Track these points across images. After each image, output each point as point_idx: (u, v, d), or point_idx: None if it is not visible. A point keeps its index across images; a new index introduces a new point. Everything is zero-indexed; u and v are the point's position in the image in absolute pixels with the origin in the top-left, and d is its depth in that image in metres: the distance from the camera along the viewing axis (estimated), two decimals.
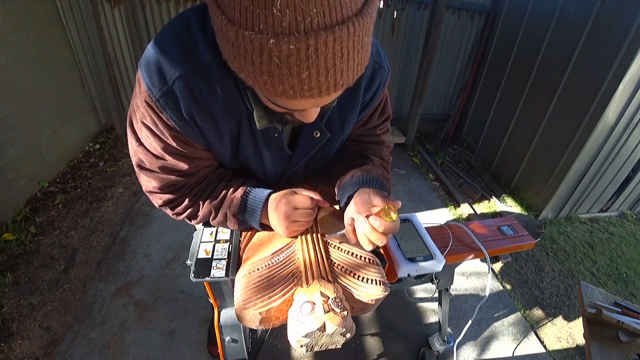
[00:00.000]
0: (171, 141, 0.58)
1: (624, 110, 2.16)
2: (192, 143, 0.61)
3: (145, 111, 0.55)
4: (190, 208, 0.70)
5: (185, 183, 0.67)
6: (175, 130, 0.57)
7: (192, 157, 0.63)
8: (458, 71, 3.62)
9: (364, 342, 1.55)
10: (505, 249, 1.02)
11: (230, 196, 0.69)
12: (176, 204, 0.69)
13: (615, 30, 2.08)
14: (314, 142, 0.69)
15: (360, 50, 0.37)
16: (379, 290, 0.62)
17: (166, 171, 0.63)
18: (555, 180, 2.51)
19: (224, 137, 0.62)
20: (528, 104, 2.82)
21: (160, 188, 0.65)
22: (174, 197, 0.68)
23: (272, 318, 0.59)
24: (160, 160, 0.61)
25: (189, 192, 0.69)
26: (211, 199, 0.70)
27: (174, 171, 0.64)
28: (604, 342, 1.02)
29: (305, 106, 0.45)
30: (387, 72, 0.69)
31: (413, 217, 0.96)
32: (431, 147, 3.61)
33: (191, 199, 0.69)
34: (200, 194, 0.70)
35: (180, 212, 0.71)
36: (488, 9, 3.22)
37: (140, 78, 0.53)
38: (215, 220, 0.71)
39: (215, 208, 0.70)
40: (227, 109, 0.57)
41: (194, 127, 0.58)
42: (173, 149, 0.60)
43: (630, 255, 2.45)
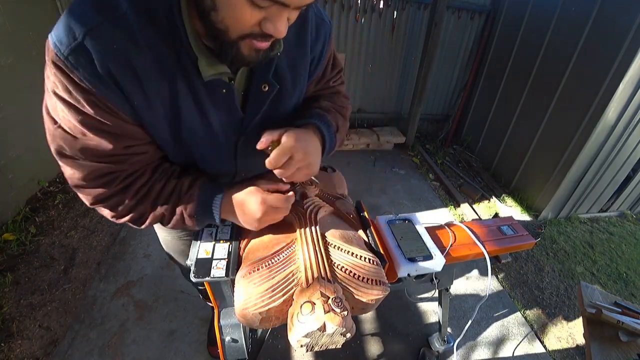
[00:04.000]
0: (88, 109, 0.49)
1: (624, 110, 2.16)
2: (115, 111, 0.51)
3: (55, 77, 0.47)
4: (133, 210, 0.60)
5: (116, 172, 0.57)
6: (90, 93, 0.48)
7: (118, 134, 0.53)
8: (458, 71, 3.62)
9: (364, 342, 1.55)
10: (505, 248, 1.02)
11: (184, 194, 0.62)
12: (113, 203, 0.59)
13: (615, 30, 2.08)
14: (264, 97, 0.62)
15: None
16: (379, 290, 0.62)
17: (89, 155, 0.53)
18: (555, 180, 2.51)
19: (153, 100, 0.52)
20: (528, 104, 2.82)
21: (85, 179, 0.55)
22: (106, 191, 0.57)
23: (272, 318, 0.59)
24: (80, 141, 0.51)
25: (128, 188, 0.59)
26: (161, 199, 0.61)
27: (99, 154, 0.53)
28: (604, 342, 1.02)
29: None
30: (329, 25, 0.70)
31: (413, 217, 0.96)
32: (431, 147, 3.61)
33: (133, 198, 0.59)
34: (145, 194, 0.60)
35: (121, 214, 0.61)
36: (488, 9, 3.22)
37: (49, 42, 0.46)
38: (171, 223, 0.63)
39: (169, 209, 0.62)
40: (153, 65, 0.50)
41: (113, 88, 0.49)
42: (93, 121, 0.50)
43: (630, 255, 2.45)
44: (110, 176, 0.56)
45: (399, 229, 0.91)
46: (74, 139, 0.52)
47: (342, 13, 2.96)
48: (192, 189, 0.63)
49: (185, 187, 0.62)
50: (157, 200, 0.61)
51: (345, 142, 3.24)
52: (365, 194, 2.69)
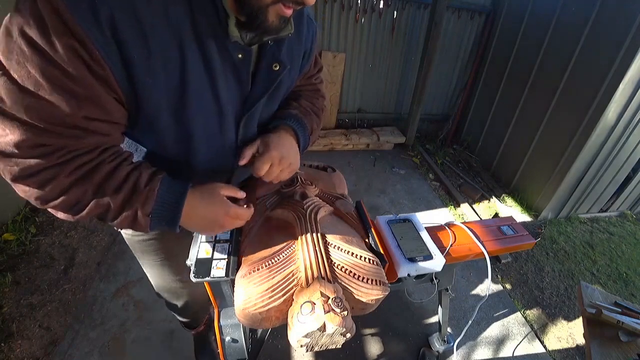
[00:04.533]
0: (62, 55, 0.40)
1: (624, 110, 2.16)
2: (100, 65, 0.42)
3: (31, 10, 0.38)
4: (68, 192, 0.47)
5: (61, 146, 0.45)
6: (77, 36, 0.39)
7: (84, 97, 0.44)
8: (458, 71, 3.62)
9: (364, 342, 1.55)
10: (505, 248, 1.02)
11: (143, 187, 0.51)
12: (43, 179, 0.45)
13: (615, 30, 2.08)
14: (274, 76, 0.61)
15: None
16: (379, 290, 0.62)
17: (35, 116, 0.42)
18: (555, 180, 2.51)
19: (155, 60, 0.46)
20: (528, 104, 2.82)
21: (19, 145, 0.42)
22: (39, 163, 0.44)
23: (272, 318, 0.59)
24: (30, 96, 0.41)
25: (67, 163, 0.46)
26: (110, 185, 0.49)
27: (48, 119, 0.42)
28: (604, 342, 1.02)
29: None
30: (316, 25, 0.73)
31: (413, 217, 0.96)
32: (431, 147, 3.61)
33: (71, 175, 0.46)
34: (88, 173, 0.48)
35: (50, 196, 0.47)
36: (488, 9, 3.22)
37: None
38: (117, 219, 0.51)
39: (118, 201, 0.49)
40: (162, 21, 0.44)
41: (110, 37, 0.41)
42: (59, 74, 0.41)
43: (630, 255, 2.45)
44: (52, 147, 0.44)
45: (399, 229, 0.91)
46: (22, 92, 0.41)
47: (342, 13, 2.96)
48: (152, 182, 0.52)
49: (144, 179, 0.51)
50: (104, 186, 0.49)
51: (345, 142, 3.24)
52: (365, 194, 2.69)
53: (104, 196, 0.49)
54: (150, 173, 0.54)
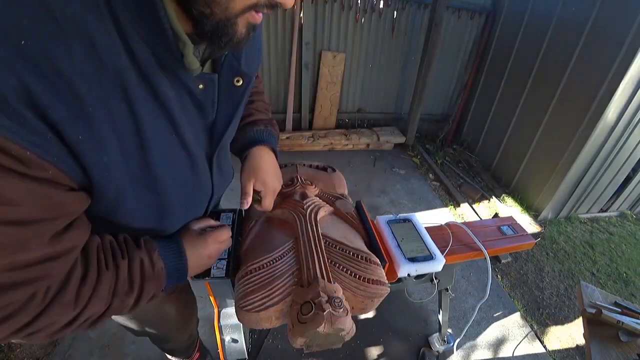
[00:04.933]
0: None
1: (624, 110, 2.16)
2: (40, 175, 0.32)
3: None
4: (78, 319, 0.41)
5: (37, 288, 0.36)
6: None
7: (41, 219, 0.33)
8: (458, 71, 3.62)
9: (364, 342, 1.55)
10: (505, 248, 1.02)
11: (151, 273, 0.48)
12: (43, 324, 0.38)
13: (615, 30, 2.08)
14: (237, 93, 0.51)
15: None
16: (379, 290, 0.62)
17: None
18: (555, 180, 2.51)
19: (100, 124, 0.34)
20: (528, 104, 2.82)
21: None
22: (25, 318, 0.36)
23: (272, 318, 0.59)
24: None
25: (59, 297, 0.38)
26: (119, 290, 0.45)
27: (14, 266, 0.33)
28: (604, 342, 1.02)
29: None
30: None
31: (413, 217, 0.96)
32: (431, 147, 3.61)
33: (76, 306, 0.40)
34: (92, 294, 0.41)
35: (63, 332, 0.41)
36: (488, 9, 3.22)
37: None
38: (138, 307, 0.49)
39: (135, 297, 0.47)
40: (89, 65, 0.31)
41: (37, 123, 0.30)
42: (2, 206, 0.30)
43: (630, 255, 2.45)
44: (26, 296, 0.35)
45: (399, 229, 0.91)
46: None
47: (342, 13, 2.96)
48: (155, 262, 0.49)
49: (147, 265, 0.48)
50: (115, 294, 0.44)
51: (345, 142, 3.24)
52: (365, 194, 2.69)
53: (118, 302, 0.45)
54: (147, 254, 0.49)
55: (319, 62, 3.09)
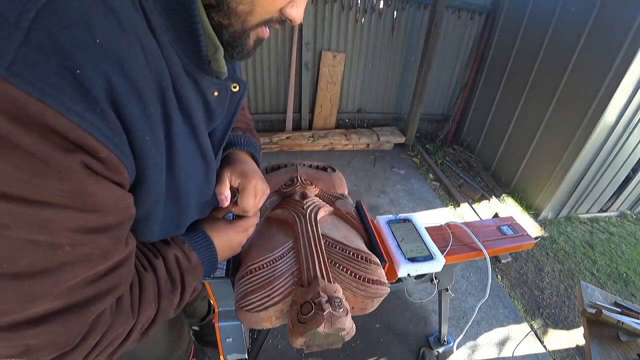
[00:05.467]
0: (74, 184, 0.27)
1: (624, 110, 2.16)
2: (117, 179, 0.31)
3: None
4: (134, 330, 0.41)
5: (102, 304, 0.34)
6: (79, 143, 0.26)
7: (119, 224, 0.33)
8: (458, 71, 3.62)
9: (364, 342, 1.55)
10: (505, 248, 1.02)
11: (189, 267, 0.49)
12: (110, 347, 0.38)
13: (615, 30, 2.08)
14: (235, 99, 0.51)
15: None
16: (379, 290, 0.62)
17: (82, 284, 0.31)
18: (555, 180, 2.51)
19: (154, 123, 0.33)
20: (528, 103, 2.82)
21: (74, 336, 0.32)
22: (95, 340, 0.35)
23: (272, 318, 0.59)
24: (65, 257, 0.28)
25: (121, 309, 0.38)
26: (165, 290, 0.45)
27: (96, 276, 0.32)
28: (604, 342, 1.02)
29: None
30: None
31: (413, 217, 0.96)
32: (431, 147, 3.61)
33: (133, 314, 0.39)
34: (142, 298, 0.41)
35: (126, 342, 0.40)
36: (488, 9, 3.22)
37: None
38: (181, 305, 0.50)
39: (179, 294, 0.47)
40: (143, 65, 0.31)
41: (115, 122, 0.29)
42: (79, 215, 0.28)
43: (630, 255, 2.45)
44: (105, 306, 0.34)
45: (399, 229, 0.91)
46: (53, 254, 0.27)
47: (342, 13, 2.96)
48: (189, 256, 0.50)
49: (183, 260, 0.48)
50: (160, 295, 0.44)
51: (345, 142, 3.24)
52: (365, 194, 2.69)
53: (165, 302, 0.45)
54: (178, 248, 0.49)
55: (319, 62, 3.09)
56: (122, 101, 0.28)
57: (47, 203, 0.26)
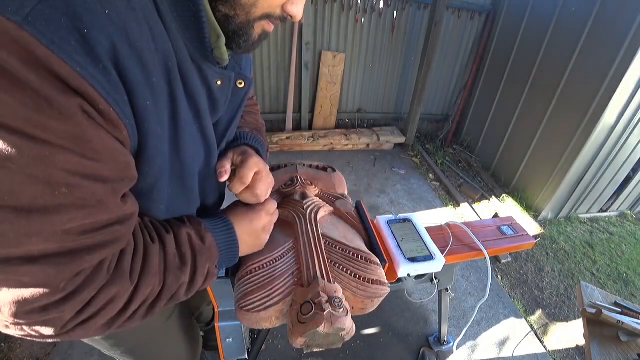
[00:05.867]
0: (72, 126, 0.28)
1: (624, 110, 2.16)
2: (116, 135, 0.32)
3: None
4: (133, 301, 0.38)
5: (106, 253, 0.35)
6: (81, 91, 0.28)
7: (119, 178, 0.34)
8: (458, 71, 3.62)
9: (364, 342, 1.55)
10: (505, 248, 1.02)
11: (201, 246, 0.47)
12: (107, 303, 0.36)
13: (615, 30, 2.08)
14: (240, 94, 0.53)
15: None
16: (379, 290, 0.62)
17: (77, 230, 0.31)
18: (555, 180, 2.51)
19: (159, 96, 0.36)
20: (528, 104, 2.82)
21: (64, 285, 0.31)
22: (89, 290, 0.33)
23: (272, 318, 0.59)
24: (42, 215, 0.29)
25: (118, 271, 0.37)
26: (172, 265, 0.43)
27: (94, 226, 0.32)
28: (604, 342, 1.02)
29: None
30: None
31: (413, 217, 0.96)
32: (431, 147, 3.62)
33: (131, 282, 0.38)
34: (145, 268, 0.40)
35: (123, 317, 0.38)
36: (488, 9, 3.22)
37: None
38: (191, 291, 0.47)
39: (190, 274, 0.45)
40: (150, 45, 0.34)
41: (117, 82, 0.31)
42: (78, 158, 0.29)
43: (630, 255, 2.45)
44: (92, 265, 0.34)
45: (399, 229, 0.91)
46: (28, 214, 0.28)
47: (342, 13, 2.96)
48: (204, 236, 0.48)
49: (195, 239, 0.47)
50: (167, 270, 0.42)
51: (345, 142, 3.24)
52: (365, 194, 2.69)
53: (172, 278, 0.43)
54: (193, 228, 0.48)
55: (319, 62, 3.09)
56: (125, 64, 0.31)
57: (47, 142, 0.27)
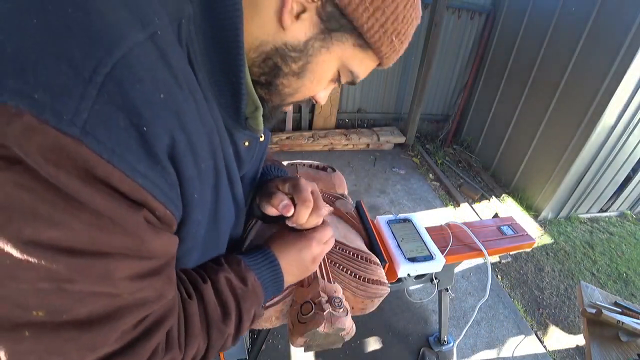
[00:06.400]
0: (133, 239, 0.27)
1: (624, 110, 2.17)
2: (168, 229, 0.32)
3: (59, 181, 0.23)
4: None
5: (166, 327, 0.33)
6: (142, 201, 0.27)
7: (166, 265, 0.33)
8: (458, 71, 3.62)
9: (364, 342, 1.55)
10: (505, 248, 1.02)
11: (241, 289, 0.43)
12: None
13: (615, 30, 2.08)
14: (262, 148, 0.51)
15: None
16: (379, 290, 0.62)
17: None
18: (555, 180, 2.51)
19: (205, 183, 0.35)
20: (528, 103, 2.82)
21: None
22: None
23: (272, 318, 0.59)
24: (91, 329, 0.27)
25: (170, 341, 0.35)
26: (214, 319, 0.39)
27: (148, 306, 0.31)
28: (604, 342, 1.02)
29: (374, 66, 0.44)
30: None
31: (413, 217, 0.96)
32: (431, 147, 3.62)
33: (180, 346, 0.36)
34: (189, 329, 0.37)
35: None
36: (488, 9, 3.22)
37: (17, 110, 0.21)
38: (239, 336, 0.44)
39: (235, 323, 0.41)
40: (199, 123, 0.32)
41: (174, 178, 0.30)
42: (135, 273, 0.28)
43: (630, 255, 2.45)
44: (158, 342, 0.33)
45: (399, 229, 0.91)
46: (112, 301, 0.28)
47: None
48: (245, 276, 0.44)
49: (235, 280, 0.43)
50: (210, 324, 0.39)
51: (345, 142, 3.24)
52: (365, 194, 2.68)
53: (216, 333, 0.39)
54: (231, 270, 0.43)
55: None
56: (180, 157, 0.29)
57: (109, 254, 0.26)
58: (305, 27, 0.35)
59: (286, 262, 0.49)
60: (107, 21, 0.24)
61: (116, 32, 0.24)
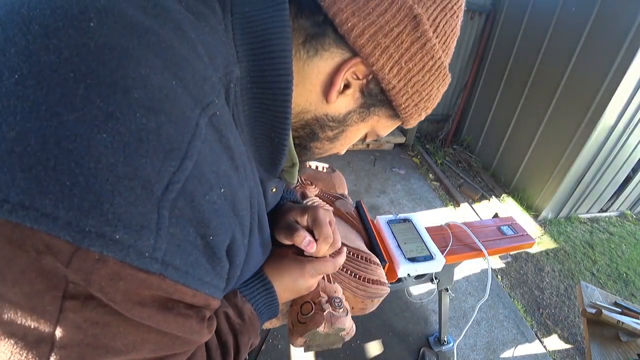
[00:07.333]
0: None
1: (624, 110, 2.17)
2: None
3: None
4: None
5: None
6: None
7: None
8: (458, 71, 3.62)
9: (364, 342, 1.55)
10: (505, 248, 1.02)
11: (238, 323, 0.43)
12: None
13: (615, 30, 2.08)
14: (274, 199, 0.52)
15: None
16: (379, 290, 0.62)
17: None
18: (555, 180, 2.51)
19: (245, 230, 0.34)
20: (528, 104, 2.82)
21: None
22: None
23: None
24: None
25: None
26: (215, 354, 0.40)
27: None
28: (604, 342, 1.02)
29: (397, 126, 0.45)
30: None
31: (413, 217, 0.96)
32: (431, 147, 3.62)
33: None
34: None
35: None
36: (488, 9, 3.22)
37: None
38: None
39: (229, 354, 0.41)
40: (246, 197, 0.32)
41: (226, 266, 0.30)
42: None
43: (630, 255, 2.45)
44: None
45: (399, 229, 0.91)
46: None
47: None
48: (241, 308, 0.44)
49: (233, 315, 0.43)
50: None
51: None
52: (365, 194, 2.69)
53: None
54: (228, 304, 0.43)
55: None
56: (236, 249, 0.30)
57: (167, 356, 0.27)
58: (347, 101, 0.37)
59: (281, 289, 0.48)
60: (175, 118, 0.22)
61: (186, 132, 0.22)
